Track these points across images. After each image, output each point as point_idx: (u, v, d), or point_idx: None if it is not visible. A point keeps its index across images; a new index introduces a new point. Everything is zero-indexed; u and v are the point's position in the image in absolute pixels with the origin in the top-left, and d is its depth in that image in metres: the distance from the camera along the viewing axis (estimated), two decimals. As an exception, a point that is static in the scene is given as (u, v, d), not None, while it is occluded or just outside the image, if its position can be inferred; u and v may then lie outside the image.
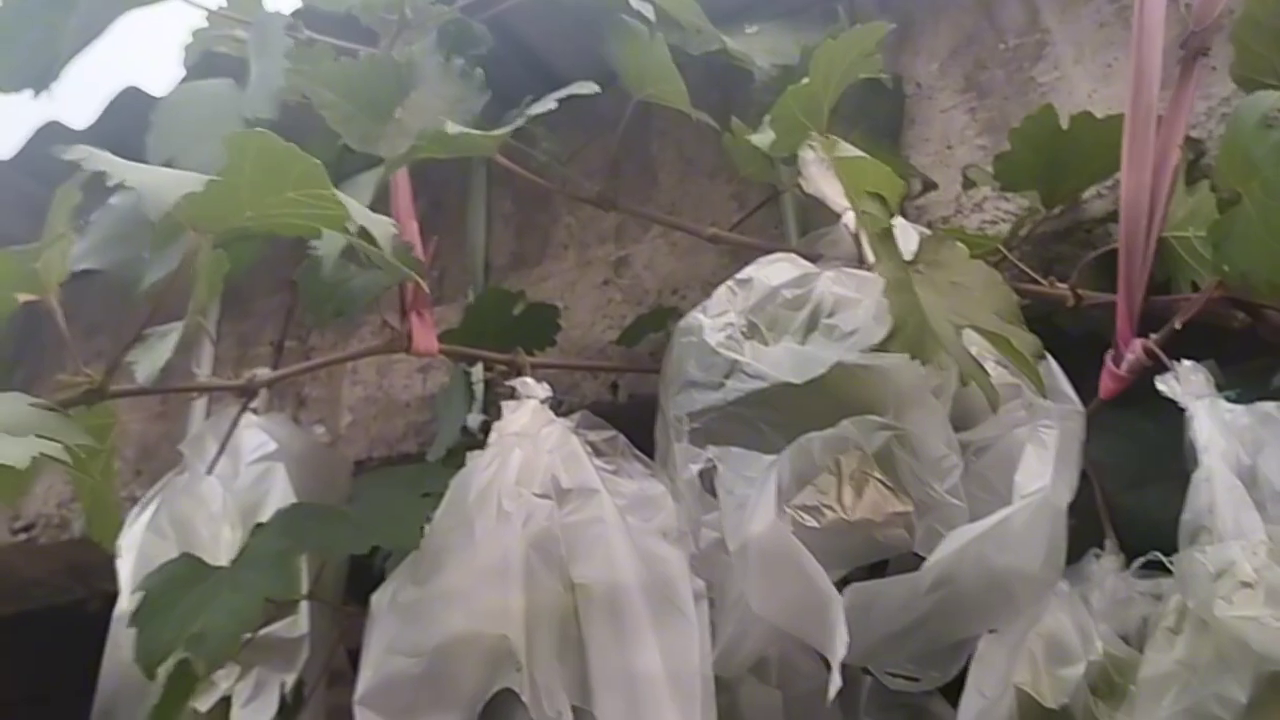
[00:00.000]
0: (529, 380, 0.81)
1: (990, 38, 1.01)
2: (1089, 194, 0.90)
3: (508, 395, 0.83)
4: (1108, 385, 0.76)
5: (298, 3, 1.01)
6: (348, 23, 0.98)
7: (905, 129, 1.01)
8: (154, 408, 1.28)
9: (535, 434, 0.78)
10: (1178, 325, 0.74)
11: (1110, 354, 0.77)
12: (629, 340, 0.98)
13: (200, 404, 1.14)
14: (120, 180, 0.67)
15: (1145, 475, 0.78)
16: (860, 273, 0.75)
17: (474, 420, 0.93)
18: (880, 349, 0.68)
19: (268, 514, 0.86)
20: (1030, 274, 0.84)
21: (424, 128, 0.78)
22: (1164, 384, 0.72)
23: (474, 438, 0.91)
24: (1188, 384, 0.72)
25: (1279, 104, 0.73)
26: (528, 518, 0.73)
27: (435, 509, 0.75)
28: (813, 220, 0.93)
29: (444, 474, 0.77)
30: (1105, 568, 0.73)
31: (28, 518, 1.30)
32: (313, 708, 0.93)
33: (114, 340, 1.33)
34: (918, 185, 0.98)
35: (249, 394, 0.82)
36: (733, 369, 0.72)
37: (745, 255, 0.86)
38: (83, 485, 0.71)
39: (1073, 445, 0.69)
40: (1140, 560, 0.73)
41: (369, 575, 0.85)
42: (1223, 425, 0.69)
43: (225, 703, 0.85)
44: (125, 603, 0.89)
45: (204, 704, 0.84)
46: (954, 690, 0.73)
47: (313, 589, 0.86)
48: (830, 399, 0.70)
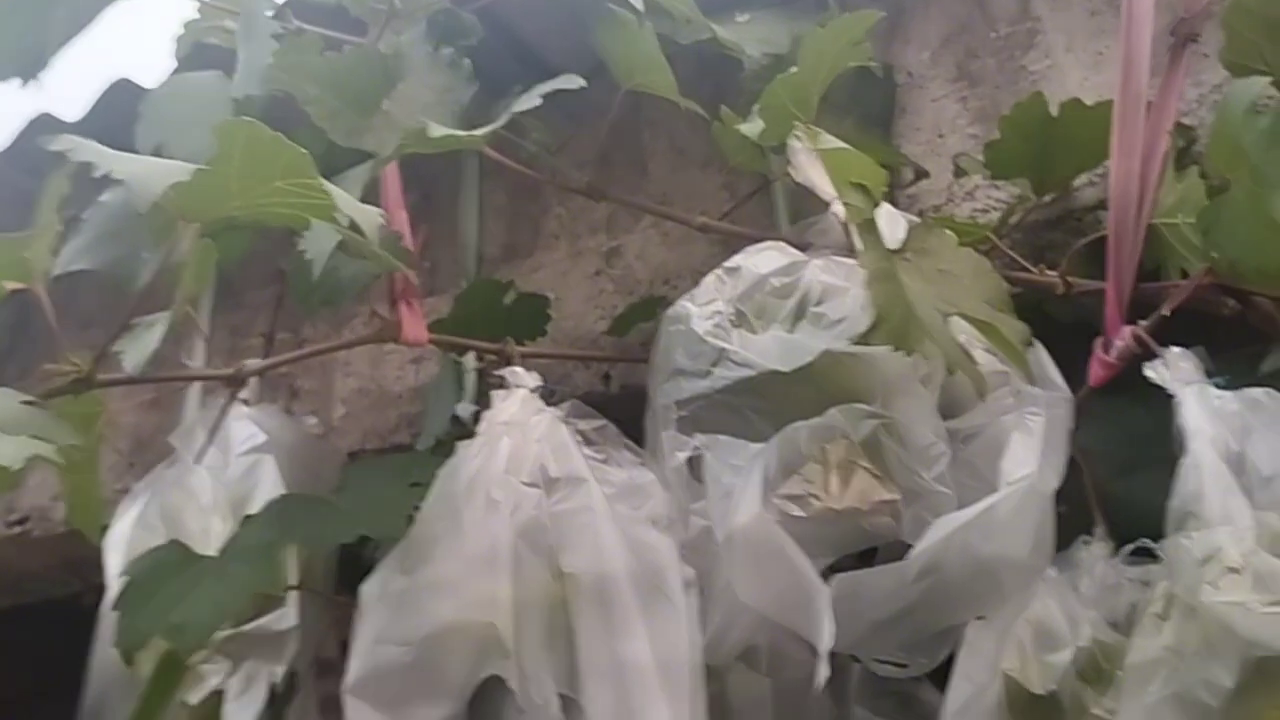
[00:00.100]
0: (518, 369, 0.81)
1: (981, 26, 1.00)
2: (1080, 182, 0.90)
3: (498, 385, 0.83)
4: (1097, 372, 0.76)
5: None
6: (337, 13, 0.98)
7: (897, 118, 1.01)
8: (147, 400, 1.28)
9: (524, 423, 0.77)
10: (1166, 312, 0.74)
11: (1100, 341, 0.77)
12: (619, 330, 0.97)
13: (194, 396, 1.14)
14: (107, 170, 0.67)
15: (1135, 462, 0.78)
16: (848, 261, 0.75)
17: (464, 410, 0.93)
18: (863, 341, 0.68)
19: (257, 506, 0.86)
20: (1020, 261, 0.83)
21: (412, 120, 0.78)
22: (1153, 371, 0.72)
23: (465, 428, 0.90)
24: (1176, 370, 0.71)
25: (1268, 90, 0.73)
26: (516, 507, 0.73)
27: (423, 498, 0.75)
28: (804, 209, 0.92)
29: (432, 463, 0.77)
30: (1094, 555, 0.73)
31: (21, 511, 1.30)
32: (303, 698, 0.93)
33: (108, 334, 1.32)
34: (909, 174, 0.98)
35: (238, 384, 0.82)
36: (720, 357, 0.72)
37: (736, 245, 0.86)
38: (67, 475, 0.71)
39: (1060, 432, 0.69)
40: (1129, 547, 0.73)
41: (362, 565, 0.85)
42: (1211, 411, 0.68)
43: (215, 696, 0.84)
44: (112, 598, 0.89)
45: (194, 697, 0.84)
46: (943, 677, 0.73)
47: (302, 579, 0.86)
48: (818, 387, 0.70)
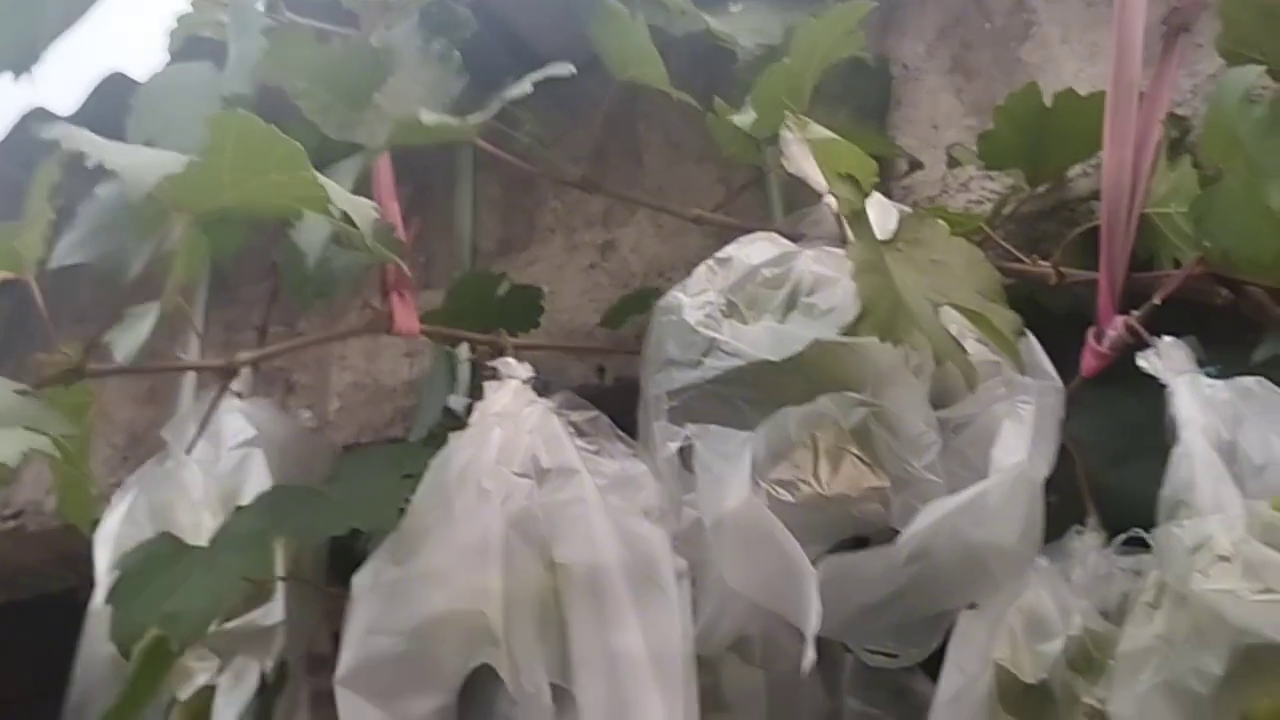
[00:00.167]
0: (510, 360, 0.81)
1: (976, 18, 1.00)
2: (1074, 172, 0.89)
3: (491, 376, 0.83)
4: (1089, 362, 0.76)
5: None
6: (329, 6, 0.98)
7: (892, 110, 1.01)
8: (142, 394, 1.28)
9: (516, 414, 0.77)
10: (1158, 301, 0.74)
11: (1092, 331, 0.77)
12: (612, 322, 0.97)
13: (188, 390, 1.14)
14: (100, 160, 0.67)
15: (1128, 452, 0.78)
16: (840, 251, 0.75)
17: (457, 402, 0.93)
18: (851, 332, 0.68)
19: (247, 500, 0.85)
20: (1013, 252, 0.83)
21: (402, 113, 0.78)
22: (1145, 360, 0.72)
23: (458, 420, 0.90)
24: (1169, 360, 0.71)
25: (1262, 79, 0.73)
26: (507, 497, 0.73)
27: (415, 490, 0.75)
28: (798, 200, 0.92)
29: (424, 454, 0.77)
30: (1086, 544, 0.73)
31: (16, 505, 1.30)
32: (291, 692, 0.93)
33: (102, 329, 1.33)
34: (904, 166, 0.98)
35: (230, 375, 0.82)
36: (711, 347, 0.72)
37: (730, 237, 0.86)
38: (57, 466, 0.71)
39: (1051, 420, 0.69)
40: (1122, 537, 0.73)
41: (354, 557, 0.85)
42: (1203, 400, 0.68)
43: (206, 692, 0.84)
44: (102, 594, 0.88)
45: (184, 693, 0.84)
46: (935, 668, 0.73)
47: (291, 572, 0.85)
48: (808, 377, 0.69)
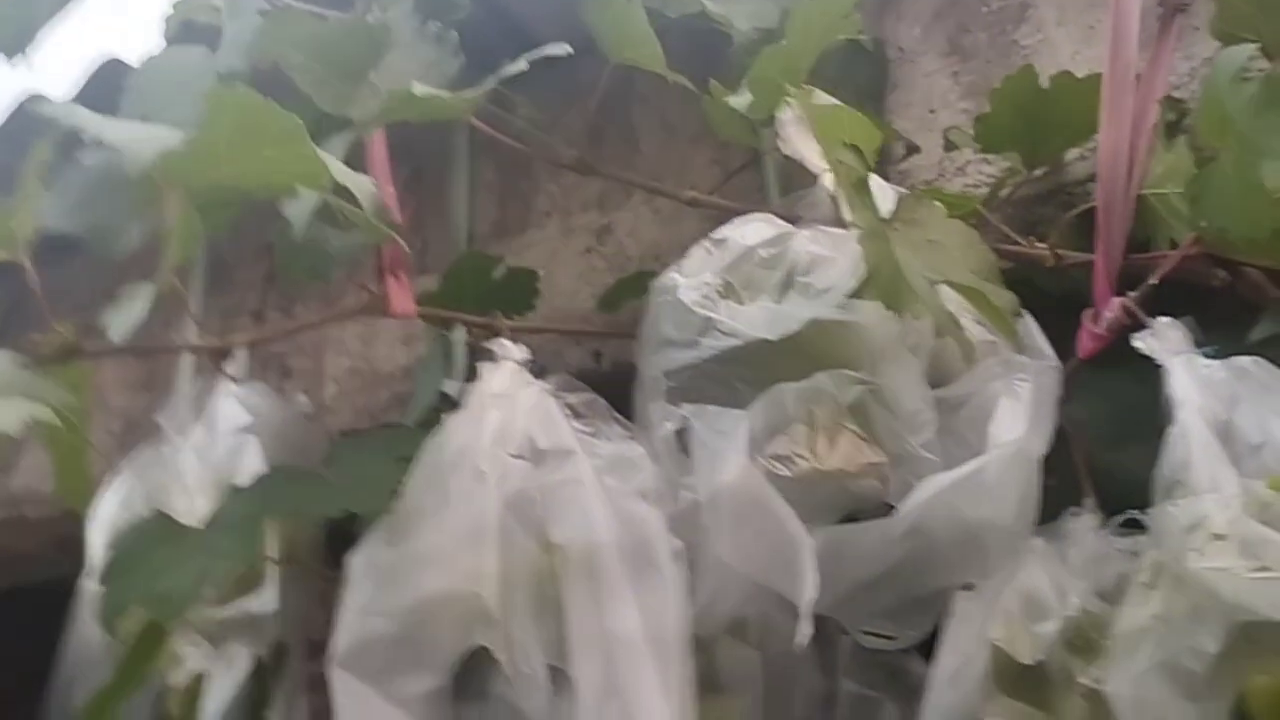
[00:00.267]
0: (506, 342, 0.81)
1: (973, 1, 1.00)
2: (1071, 156, 0.89)
3: (487, 359, 0.83)
4: (1086, 344, 0.76)
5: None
6: (326, -12, 0.97)
7: (888, 94, 1.00)
8: (140, 381, 1.28)
9: (512, 395, 0.77)
10: (1154, 281, 0.74)
11: (1089, 313, 0.77)
12: (609, 306, 0.97)
13: (185, 377, 1.14)
14: (97, 135, 0.67)
15: (1126, 434, 0.77)
16: (836, 231, 0.75)
17: (454, 387, 0.92)
18: (854, 299, 0.68)
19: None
20: (1009, 234, 0.83)
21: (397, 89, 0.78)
22: (1141, 341, 0.72)
23: (454, 404, 0.90)
24: (1165, 340, 0.71)
25: (1256, 57, 0.73)
26: (503, 478, 0.73)
27: (409, 473, 0.75)
28: (794, 183, 0.92)
29: (419, 437, 0.77)
30: (1083, 526, 0.73)
31: (14, 492, 1.30)
32: (291, 679, 0.93)
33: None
34: (900, 150, 0.98)
35: (224, 357, 0.82)
36: (707, 327, 0.72)
37: (726, 220, 0.85)
38: (55, 445, 0.71)
39: (1047, 399, 0.69)
40: (1119, 518, 0.73)
41: (352, 542, 0.84)
42: (1199, 381, 0.68)
43: (198, 678, 0.84)
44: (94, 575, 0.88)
45: (175, 679, 0.84)
46: (931, 650, 0.73)
47: (286, 556, 0.85)
48: (805, 355, 0.69)
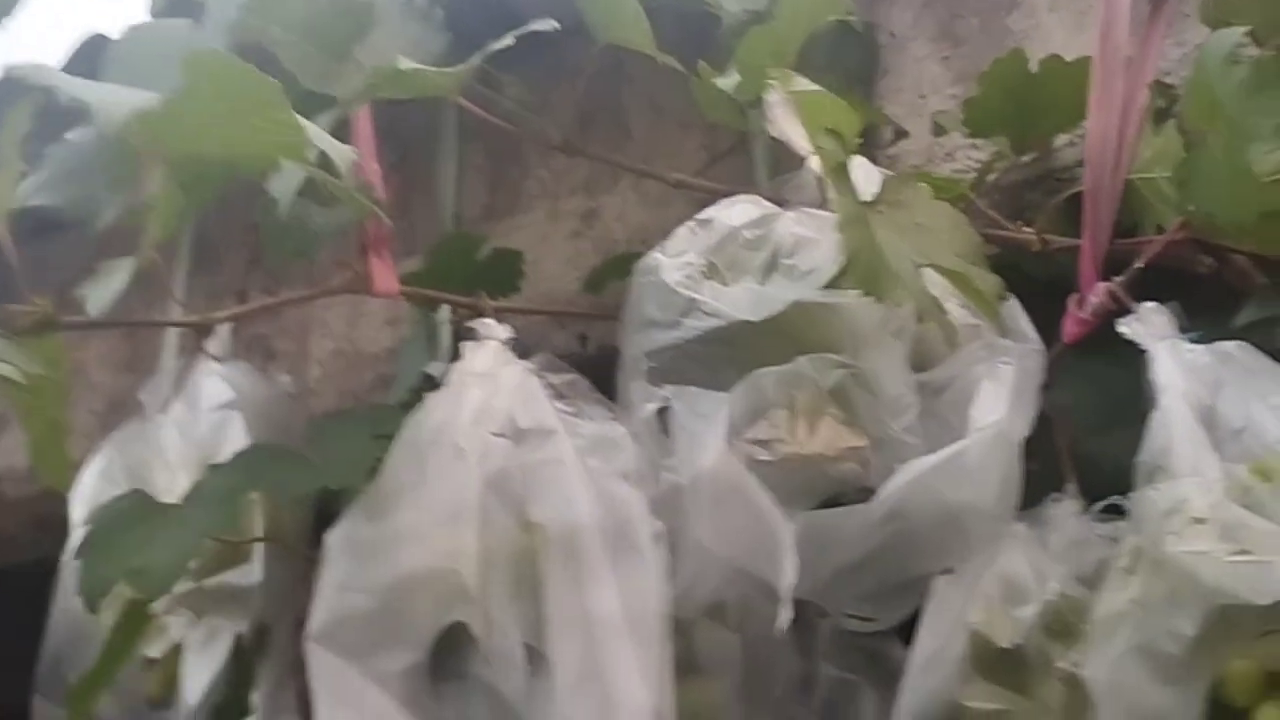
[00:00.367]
0: (489, 321, 0.80)
1: (965, -14, 0.99)
2: (1060, 142, 0.89)
3: (470, 338, 0.82)
4: (1071, 329, 0.76)
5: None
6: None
7: (878, 78, 1.00)
8: (123, 360, 1.27)
9: (494, 374, 0.77)
10: (1140, 265, 0.73)
11: (1075, 298, 0.76)
12: (594, 288, 0.97)
13: (168, 356, 1.13)
14: (71, 95, 0.66)
15: (1110, 420, 0.77)
16: (821, 213, 0.75)
17: (437, 368, 0.92)
18: (833, 285, 0.67)
19: (224, 461, 0.84)
20: (996, 218, 0.83)
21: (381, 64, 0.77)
22: (1126, 326, 0.71)
23: (437, 385, 0.90)
24: (1150, 325, 0.71)
25: (1245, 44, 0.72)
26: (484, 456, 0.73)
27: (388, 450, 0.74)
28: (783, 166, 0.91)
29: (399, 416, 0.76)
30: (1065, 511, 0.72)
31: (-5, 469, 1.29)
32: (277, 657, 0.92)
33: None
34: (890, 134, 0.97)
35: (205, 333, 0.82)
36: (690, 307, 0.71)
37: (714, 203, 0.85)
38: (30, 421, 0.70)
39: (1030, 382, 0.69)
40: (1101, 504, 0.73)
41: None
42: (1183, 365, 0.68)
43: (178, 650, 0.84)
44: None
45: (156, 650, 0.83)
46: (911, 634, 0.73)
47: (269, 533, 0.85)
48: (788, 337, 0.69)
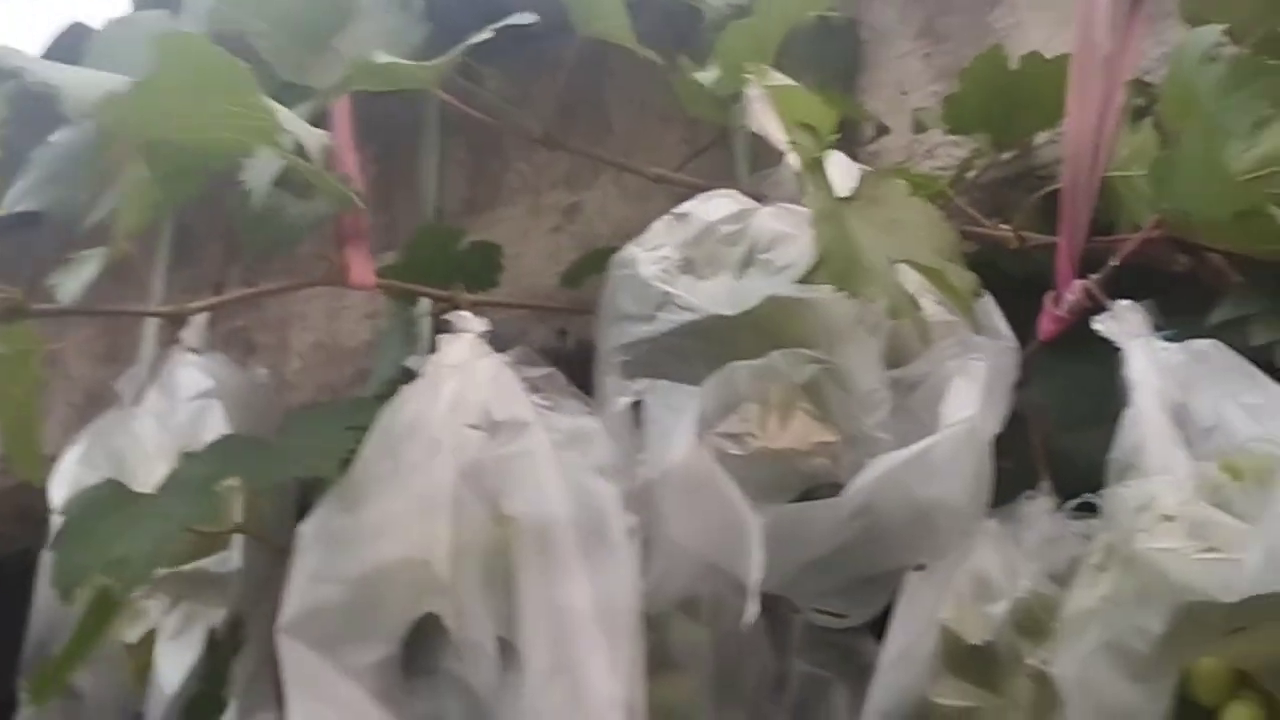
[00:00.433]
0: (465, 313, 0.80)
1: (948, -17, 0.99)
2: (1040, 140, 0.89)
3: (446, 330, 0.82)
4: (1047, 326, 0.76)
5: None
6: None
7: (860, 74, 1.00)
8: (101, 353, 1.26)
9: (470, 366, 0.77)
10: (1116, 263, 0.73)
11: (1050, 296, 0.76)
12: (571, 282, 0.96)
13: (147, 349, 1.12)
14: (40, 78, 0.65)
15: (1084, 417, 0.77)
16: (798, 208, 0.74)
17: (416, 361, 0.91)
18: (808, 280, 0.67)
19: (201, 450, 0.84)
20: (973, 215, 0.83)
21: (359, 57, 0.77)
22: (1101, 323, 0.71)
23: (415, 378, 0.89)
24: (1124, 323, 0.71)
25: (1223, 43, 0.72)
26: (458, 448, 0.72)
27: (363, 441, 0.74)
28: (763, 161, 0.91)
29: (373, 408, 0.76)
30: (1037, 508, 0.72)
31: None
32: (255, 646, 0.92)
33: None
34: (871, 131, 0.97)
35: (180, 323, 0.81)
36: (665, 301, 0.71)
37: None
38: (4, 416, 0.70)
39: (1003, 379, 0.69)
40: (1074, 502, 0.73)
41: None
42: (1156, 364, 0.68)
43: (154, 635, 0.84)
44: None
45: (132, 636, 0.83)
46: (883, 630, 0.73)
47: (248, 523, 0.84)
48: (762, 332, 0.69)
